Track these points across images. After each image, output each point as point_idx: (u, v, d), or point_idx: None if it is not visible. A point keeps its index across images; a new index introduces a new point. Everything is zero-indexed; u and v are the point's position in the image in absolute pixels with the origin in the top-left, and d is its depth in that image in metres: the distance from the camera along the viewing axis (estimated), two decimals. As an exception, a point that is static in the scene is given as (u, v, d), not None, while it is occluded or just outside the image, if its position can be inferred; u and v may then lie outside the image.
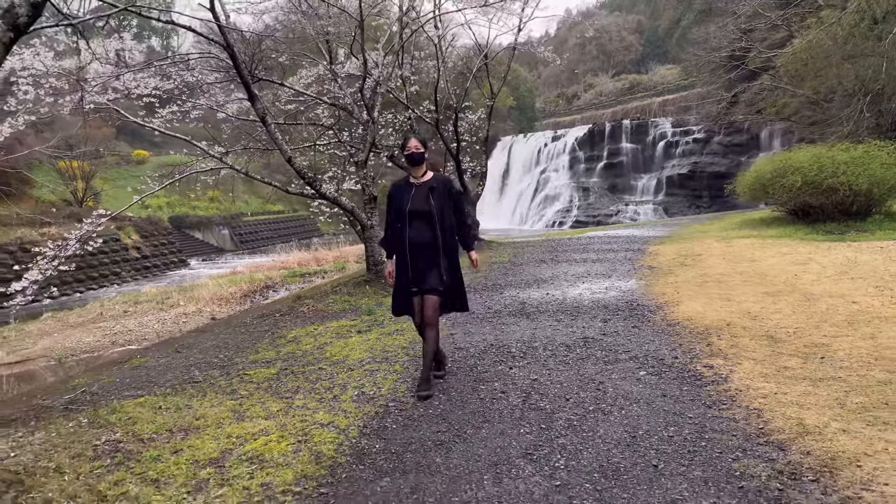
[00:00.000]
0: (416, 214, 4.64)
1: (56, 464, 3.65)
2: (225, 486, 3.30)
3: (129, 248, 42.49)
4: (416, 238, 4.63)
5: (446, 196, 4.72)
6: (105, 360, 9.95)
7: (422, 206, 4.64)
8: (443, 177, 4.94)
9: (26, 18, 3.29)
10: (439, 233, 4.61)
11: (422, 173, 4.78)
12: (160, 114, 12.50)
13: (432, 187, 4.70)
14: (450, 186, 4.81)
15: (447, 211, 4.67)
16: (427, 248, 4.62)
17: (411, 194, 4.70)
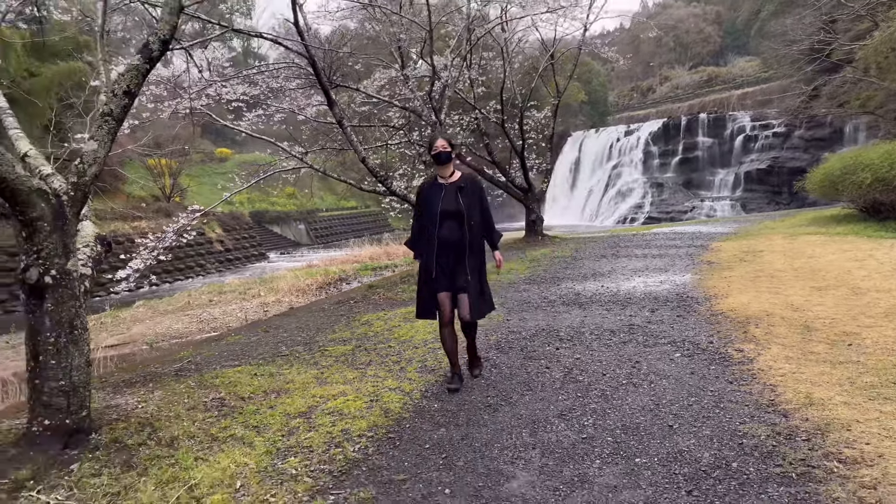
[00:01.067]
0: (447, 214, 4.65)
1: (175, 413, 4.50)
2: (312, 430, 4.05)
3: (214, 241, 44.86)
4: (447, 237, 4.64)
5: (474, 195, 4.75)
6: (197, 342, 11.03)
7: (452, 206, 4.65)
8: (470, 175, 4.92)
9: (158, 52, 4.13)
10: (468, 232, 4.63)
11: (449, 172, 4.80)
12: (247, 117, 13.62)
13: (461, 187, 4.73)
14: (477, 185, 4.84)
15: (475, 210, 4.70)
16: (456, 248, 4.64)
17: (441, 195, 4.71)
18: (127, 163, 46.03)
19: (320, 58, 11.74)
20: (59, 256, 3.67)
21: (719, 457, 3.34)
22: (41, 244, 3.61)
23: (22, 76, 30.85)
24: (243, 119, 13.61)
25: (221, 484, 3.35)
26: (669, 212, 45.00)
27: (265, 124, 14.13)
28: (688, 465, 3.28)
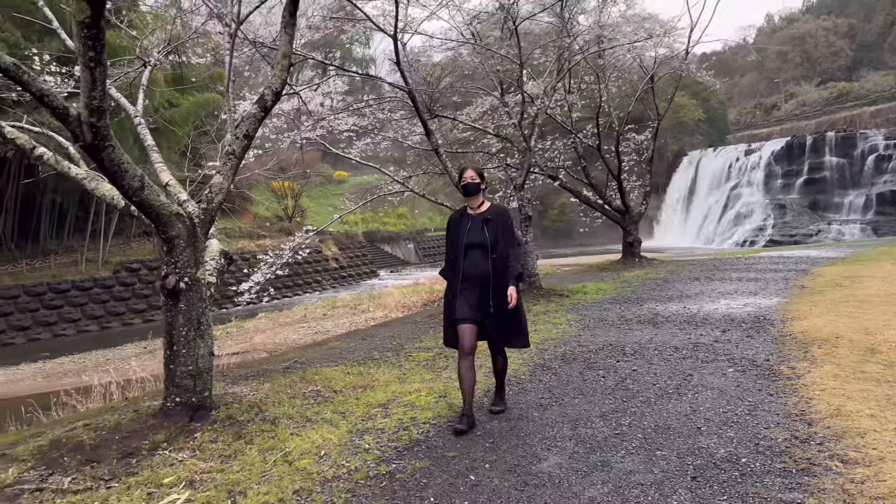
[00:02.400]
0: (472, 246, 4.58)
1: (279, 400, 5.39)
2: (387, 417, 4.80)
3: (329, 259, 47.36)
4: (471, 270, 4.54)
5: (501, 227, 4.63)
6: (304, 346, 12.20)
7: (477, 238, 4.57)
8: (499, 207, 4.80)
9: (271, 102, 5.08)
10: (491, 265, 4.52)
11: (478, 203, 4.71)
12: (357, 145, 14.83)
13: (487, 219, 4.62)
14: (505, 217, 4.71)
15: (502, 243, 4.56)
16: (481, 280, 4.51)
17: (468, 226, 4.63)
18: (254, 186, 49.62)
19: (422, 90, 12.73)
20: (191, 267, 4.65)
21: (733, 453, 3.75)
22: (178, 257, 4.60)
23: (164, 107, 34.32)
24: (353, 147, 14.86)
25: (309, 452, 4.14)
26: (793, 234, 42.92)
27: (373, 151, 15.32)
28: (701, 458, 3.72)
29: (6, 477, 3.89)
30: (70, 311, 29.60)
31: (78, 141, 4.03)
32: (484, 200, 4.80)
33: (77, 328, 29.34)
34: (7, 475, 3.91)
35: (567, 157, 18.45)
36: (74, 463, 4.04)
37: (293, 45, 5.44)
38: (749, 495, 3.21)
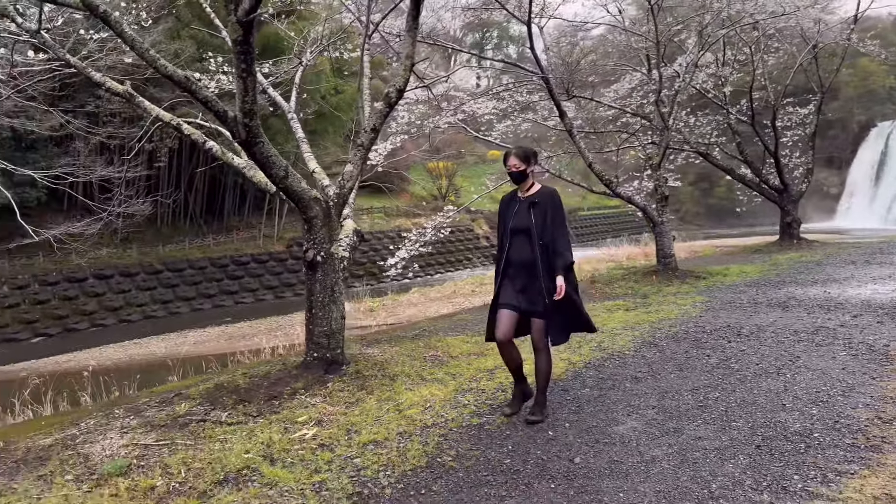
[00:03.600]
0: (517, 231, 4.39)
1: (402, 361, 6.12)
2: (490, 381, 5.35)
3: (480, 237, 48.46)
4: (516, 256, 4.39)
5: (548, 211, 4.35)
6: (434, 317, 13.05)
7: (522, 223, 4.37)
8: (548, 190, 4.50)
9: (395, 99, 5.75)
10: (539, 251, 4.28)
11: (528, 187, 4.49)
12: (497, 128, 15.35)
13: (534, 202, 4.38)
14: (552, 201, 4.40)
15: (548, 229, 4.29)
16: (527, 268, 4.33)
17: (515, 210, 4.47)
18: (412, 167, 51.81)
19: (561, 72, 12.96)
20: (326, 242, 5.46)
21: (807, 428, 3.88)
22: (316, 234, 5.43)
23: (330, 94, 36.84)
24: (494, 129, 15.39)
25: (417, 404, 4.79)
26: None
27: (514, 133, 15.76)
28: (774, 430, 3.89)
29: (180, 409, 4.92)
30: (249, 282, 33.02)
31: (235, 138, 4.93)
32: (534, 183, 4.53)
33: (255, 297, 32.69)
34: (181, 408, 4.94)
35: (721, 133, 17.75)
36: (231, 402, 5.00)
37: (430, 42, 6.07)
38: (805, 464, 3.39)
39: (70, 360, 19.69)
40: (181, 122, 6.09)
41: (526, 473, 3.54)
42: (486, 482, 3.47)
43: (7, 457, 4.21)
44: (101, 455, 4.12)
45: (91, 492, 3.57)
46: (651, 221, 11.59)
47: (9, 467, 4.01)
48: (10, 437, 4.63)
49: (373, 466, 3.73)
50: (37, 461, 4.09)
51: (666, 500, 3.12)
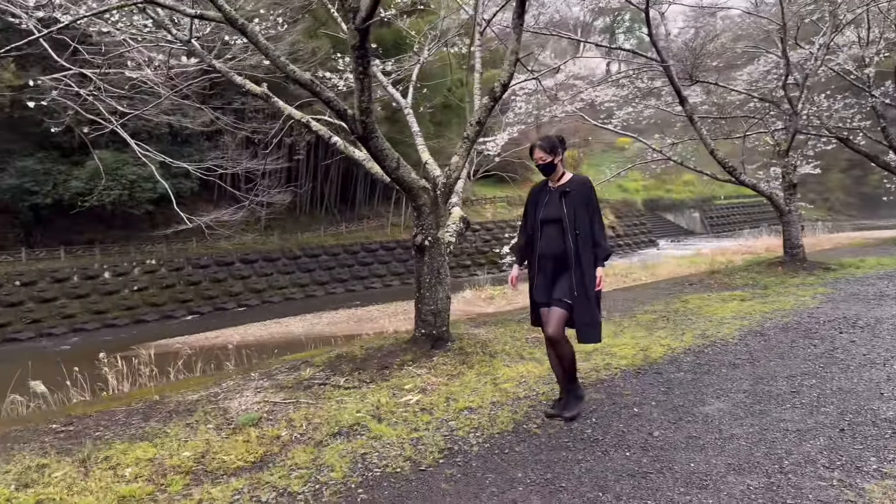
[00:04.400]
0: (547, 221, 4.23)
1: (503, 341, 6.47)
2: (586, 361, 5.58)
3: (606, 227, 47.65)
4: (546, 248, 4.22)
5: (581, 201, 4.16)
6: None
7: (553, 213, 4.20)
8: (580, 179, 4.32)
9: (500, 93, 6.07)
10: (571, 242, 4.10)
11: (558, 176, 4.31)
12: (617, 115, 15.22)
13: (565, 191, 4.20)
14: (585, 190, 4.21)
15: (582, 218, 4.11)
16: (557, 259, 4.16)
17: (545, 199, 4.31)
18: (536, 154, 51.59)
19: (684, 57, 12.70)
20: (434, 228, 5.91)
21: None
22: (424, 220, 5.89)
23: (456, 86, 37.55)
24: (615, 117, 15.26)
25: (513, 379, 5.14)
26: None
27: (635, 120, 15.54)
28: (863, 417, 3.88)
29: (305, 374, 5.57)
30: (378, 268, 34.60)
31: (353, 133, 5.47)
32: (564, 172, 4.33)
33: (383, 282, 34.21)
34: (306, 373, 5.59)
35: (865, 117, 16.50)
36: (348, 369, 5.59)
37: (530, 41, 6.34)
38: (886, 448, 3.41)
39: (218, 336, 21.72)
40: (310, 120, 6.76)
41: (604, 442, 3.80)
42: (566, 447, 3.76)
43: (162, 408, 5.01)
44: (238, 409, 4.81)
45: (228, 438, 4.22)
46: (778, 210, 11.14)
47: (163, 416, 4.79)
48: (165, 394, 5.47)
49: (465, 428, 4.13)
50: (185, 412, 4.84)
51: (734, 472, 3.27)
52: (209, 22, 6.89)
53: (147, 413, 4.86)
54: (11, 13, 7.59)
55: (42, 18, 7.43)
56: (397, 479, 3.45)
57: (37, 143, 26.66)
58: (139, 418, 4.74)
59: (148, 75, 8.50)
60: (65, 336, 25.27)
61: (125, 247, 29.68)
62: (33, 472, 3.73)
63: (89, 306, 26.99)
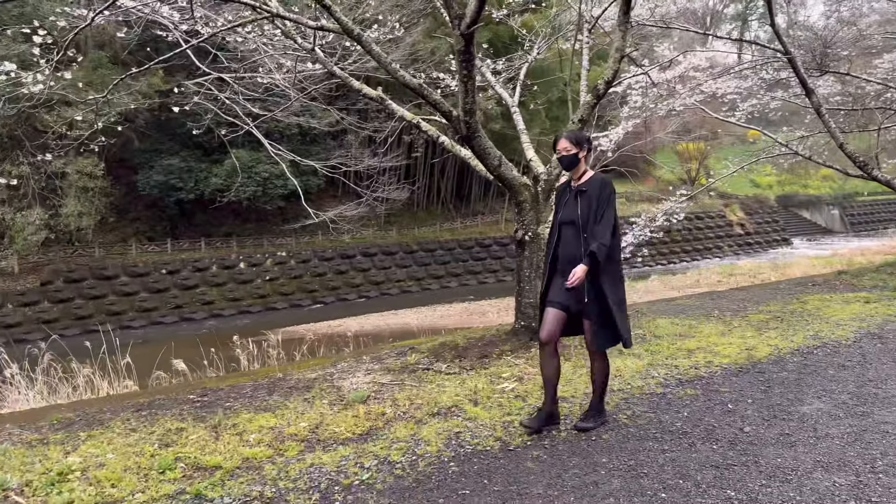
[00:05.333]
0: (565, 223, 4.06)
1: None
2: (686, 359, 5.59)
3: (734, 224, 45.35)
4: (563, 251, 4.03)
5: (595, 201, 3.93)
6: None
7: (570, 214, 4.01)
8: (598, 177, 4.08)
9: (603, 91, 6.16)
10: (584, 245, 3.88)
11: (580, 174, 4.09)
12: (741, 107, 14.64)
13: (581, 191, 4.00)
14: (602, 189, 3.95)
15: (592, 219, 3.91)
16: (573, 263, 3.89)
17: (566, 200, 4.12)
18: (659, 149, 50.00)
19: (812, 45, 12.07)
20: (534, 224, 6.11)
21: None
22: (524, 216, 6.10)
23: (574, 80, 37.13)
24: (737, 110, 14.67)
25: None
26: None
27: (760, 112, 14.86)
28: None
29: (411, 360, 5.96)
30: (491, 263, 34.98)
31: (458, 133, 5.77)
32: (586, 170, 4.11)
33: (496, 277, 34.54)
34: (412, 359, 5.98)
35: None
36: (450, 356, 5.92)
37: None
38: None
39: (339, 325, 22.88)
40: (420, 121, 7.14)
41: (692, 435, 3.86)
42: (653, 438, 3.86)
43: (284, 384, 5.54)
44: (349, 388, 5.25)
45: (339, 413, 4.64)
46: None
47: (284, 391, 5.31)
48: (288, 372, 6.02)
49: (555, 416, 4.32)
50: (304, 388, 5.34)
51: (822, 469, 3.27)
52: (330, 32, 7.40)
53: (271, 388, 5.41)
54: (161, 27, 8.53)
55: (186, 31, 8.30)
56: (486, 456, 3.71)
57: (181, 143, 29.15)
58: (264, 392, 5.29)
59: (278, 80, 9.20)
60: (204, 321, 27.51)
61: (258, 239, 31.82)
62: (173, 434, 4.30)
63: (226, 294, 29.20)
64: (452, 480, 3.40)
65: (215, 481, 3.46)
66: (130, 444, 4.07)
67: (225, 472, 3.59)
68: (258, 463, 3.74)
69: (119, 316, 25.94)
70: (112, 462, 3.75)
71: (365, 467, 3.61)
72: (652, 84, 11.26)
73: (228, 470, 3.61)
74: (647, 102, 14.22)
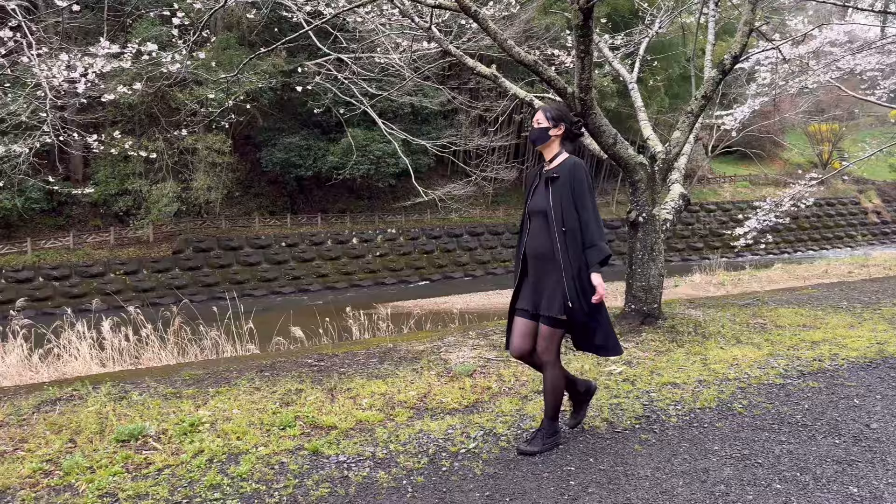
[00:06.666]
0: (534, 213, 3.50)
1: (721, 323, 6.30)
2: (809, 350, 5.29)
3: (869, 211, 42.03)
4: (532, 245, 3.49)
5: (569, 188, 3.36)
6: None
7: (539, 203, 3.46)
8: (571, 161, 3.47)
9: (729, 66, 5.86)
10: (558, 241, 3.34)
11: (551, 156, 3.53)
12: (882, 85, 13.51)
13: (553, 177, 3.42)
14: (576, 175, 3.38)
15: (570, 211, 3.34)
16: (544, 260, 3.42)
17: (535, 186, 3.57)
18: (789, 129, 46.89)
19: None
20: (648, 205, 5.94)
21: None
22: (639, 197, 5.94)
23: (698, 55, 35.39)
24: (878, 88, 13.52)
25: (724, 361, 5.06)
26: None
27: (905, 91, 13.63)
28: None
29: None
30: (601, 246, 34.31)
31: (572, 111, 5.68)
32: (560, 153, 3.52)
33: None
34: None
35: None
36: (558, 335, 5.90)
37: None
38: None
39: (445, 302, 23.24)
40: (533, 98, 7.08)
41: (813, 428, 3.67)
42: (770, 429, 3.70)
43: (394, 354, 5.73)
44: (456, 361, 5.36)
45: (446, 384, 4.75)
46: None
47: (394, 360, 5.49)
48: (398, 343, 6.23)
49: (665, 400, 4.23)
50: (412, 359, 5.50)
51: (959, 475, 3.03)
52: (446, 10, 7.46)
53: (382, 357, 5.61)
54: (286, 8, 8.91)
55: (309, 12, 8.62)
56: (592, 436, 3.69)
57: (301, 122, 30.41)
58: (375, 361, 5.50)
59: (394, 59, 9.39)
60: (319, 293, 28.77)
61: (370, 216, 32.79)
62: (292, 394, 4.57)
63: (339, 267, 30.38)
64: (558, 456, 3.42)
65: (331, 440, 3.66)
66: (254, 401, 4.37)
67: (340, 432, 3.79)
68: (370, 426, 3.92)
69: (242, 285, 27.60)
70: (237, 417, 4.04)
71: (471, 437, 3.69)
72: (783, 60, 10.57)
73: (343, 430, 3.81)
74: (777, 79, 13.39)
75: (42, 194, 25.62)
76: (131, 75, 16.41)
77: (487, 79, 6.97)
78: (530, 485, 3.11)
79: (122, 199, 27.40)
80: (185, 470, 3.31)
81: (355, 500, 2.98)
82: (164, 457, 3.46)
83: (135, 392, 4.61)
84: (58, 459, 3.44)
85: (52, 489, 3.13)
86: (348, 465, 3.36)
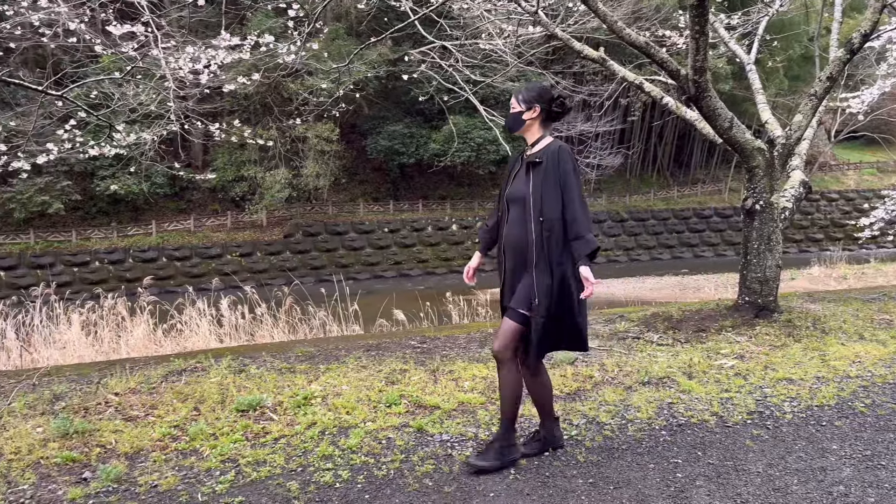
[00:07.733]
0: (512, 200, 3.23)
1: (842, 318, 5.92)
2: (874, 341, 4.89)
3: None
4: (509, 235, 3.22)
5: (552, 174, 3.07)
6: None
7: (518, 190, 3.19)
8: (554, 145, 3.17)
9: (858, 45, 5.45)
10: (533, 231, 3.07)
11: (532, 140, 3.25)
12: None
13: (534, 163, 3.14)
14: (559, 160, 3.07)
15: (549, 198, 3.05)
16: (518, 251, 3.16)
17: (516, 172, 3.30)
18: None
19: None
20: (766, 192, 5.65)
21: None
22: (756, 184, 5.67)
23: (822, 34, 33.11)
24: None
25: (845, 358, 4.77)
26: None
27: None
28: None
29: (620, 327, 5.88)
30: (710, 236, 32.92)
31: (685, 94, 5.49)
32: (543, 136, 3.24)
33: (715, 251, 32.50)
34: (621, 326, 5.90)
35: None
36: (662, 327, 5.74)
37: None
38: None
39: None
40: (643, 81, 6.88)
41: (948, 435, 3.41)
42: (895, 429, 3.47)
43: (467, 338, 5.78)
44: (558, 348, 5.34)
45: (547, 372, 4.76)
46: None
47: (461, 346, 5.54)
48: (471, 332, 6.26)
49: (779, 396, 4.04)
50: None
51: None
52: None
53: (482, 341, 5.68)
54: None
55: (415, 0, 8.74)
56: (701, 430, 3.59)
57: (405, 110, 30.95)
58: (476, 345, 5.57)
59: (499, 45, 9.38)
60: (420, 278, 29.34)
61: (470, 203, 33.00)
62: (397, 373, 4.71)
63: (439, 253, 30.82)
64: (664, 448, 3.36)
65: (434, 419, 3.76)
66: (362, 378, 4.54)
67: (443, 412, 3.88)
68: (472, 407, 3.98)
69: (347, 268, 28.56)
70: (347, 393, 4.22)
71: (574, 424, 3.68)
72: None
73: (446, 410, 3.90)
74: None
75: (166, 180, 27.52)
76: (248, 66, 17.26)
77: (595, 62, 6.84)
78: (635, 475, 3.07)
79: (238, 185, 28.96)
80: (299, 440, 3.50)
81: (459, 478, 3.06)
82: (279, 427, 3.67)
83: (252, 366, 4.90)
84: (184, 425, 3.72)
85: (179, 452, 3.39)
86: (452, 443, 3.44)
